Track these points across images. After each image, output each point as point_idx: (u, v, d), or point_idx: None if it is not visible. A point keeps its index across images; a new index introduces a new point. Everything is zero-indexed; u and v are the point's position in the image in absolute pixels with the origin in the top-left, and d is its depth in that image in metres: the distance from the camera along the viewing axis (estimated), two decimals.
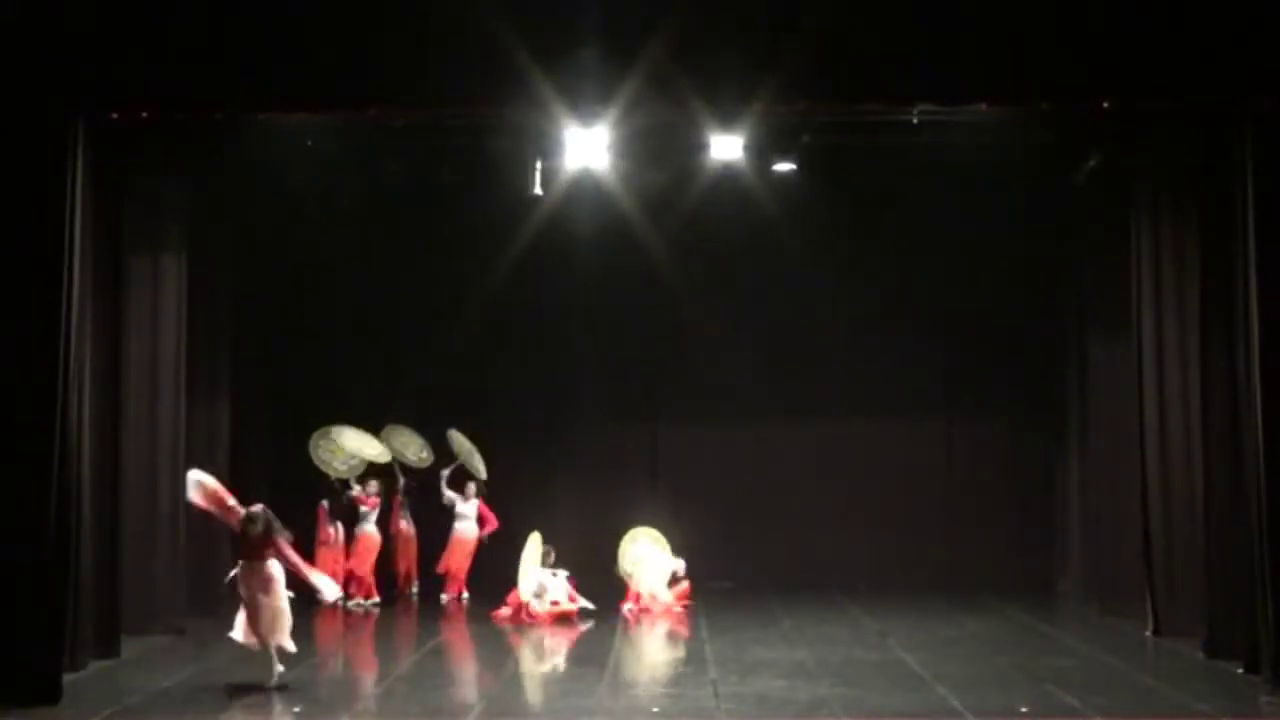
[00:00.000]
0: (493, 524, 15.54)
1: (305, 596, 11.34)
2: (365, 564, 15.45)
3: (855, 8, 10.33)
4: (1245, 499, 10.57)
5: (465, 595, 15.53)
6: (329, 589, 11.15)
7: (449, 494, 15.63)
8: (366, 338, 16.83)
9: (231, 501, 10.63)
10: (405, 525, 15.87)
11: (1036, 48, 10.21)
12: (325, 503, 15.64)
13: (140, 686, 10.50)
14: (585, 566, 15.44)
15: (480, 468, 15.70)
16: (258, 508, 10.59)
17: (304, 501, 15.86)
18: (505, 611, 14.14)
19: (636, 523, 15.75)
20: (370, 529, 15.53)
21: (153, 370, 12.83)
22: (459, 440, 15.71)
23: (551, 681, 11.63)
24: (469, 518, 15.63)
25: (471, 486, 15.71)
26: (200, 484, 10.72)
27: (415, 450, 15.78)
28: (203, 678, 10.87)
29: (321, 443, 15.47)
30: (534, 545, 14.28)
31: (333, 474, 15.45)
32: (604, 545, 15.44)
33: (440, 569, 15.64)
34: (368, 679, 11.57)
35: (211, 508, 10.72)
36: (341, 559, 15.64)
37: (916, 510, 16.53)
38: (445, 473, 15.70)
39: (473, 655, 13.10)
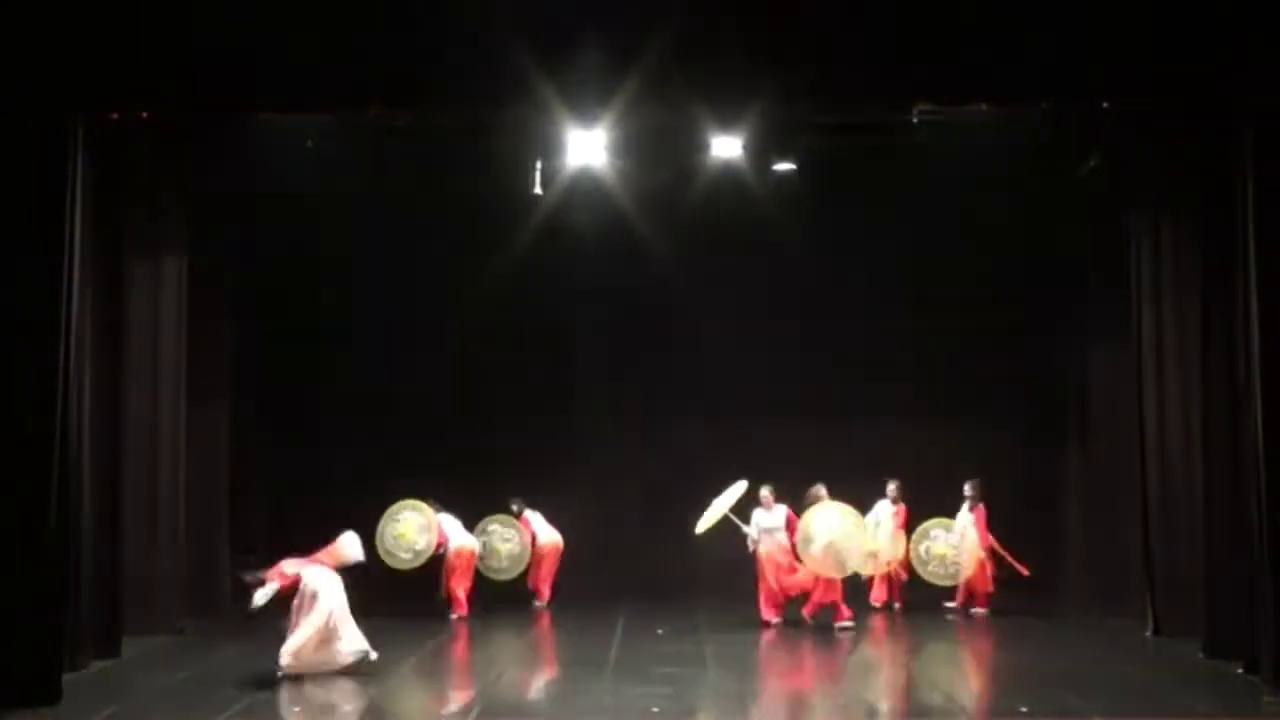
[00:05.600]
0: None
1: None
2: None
3: (855, 8, 10.33)
4: (1245, 499, 10.56)
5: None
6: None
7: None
8: (366, 337, 16.82)
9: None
10: None
11: (1036, 48, 10.21)
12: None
13: (140, 686, 10.51)
14: (586, 566, 15.46)
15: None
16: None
17: (304, 501, 15.89)
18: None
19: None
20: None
21: (153, 371, 12.84)
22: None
23: (551, 681, 11.63)
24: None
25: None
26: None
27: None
28: (203, 678, 10.88)
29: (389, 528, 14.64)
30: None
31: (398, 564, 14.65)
32: (604, 544, 15.42)
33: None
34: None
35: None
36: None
37: (916, 511, 16.50)
38: None
39: (474, 655, 13.11)
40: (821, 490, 14.05)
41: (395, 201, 16.00)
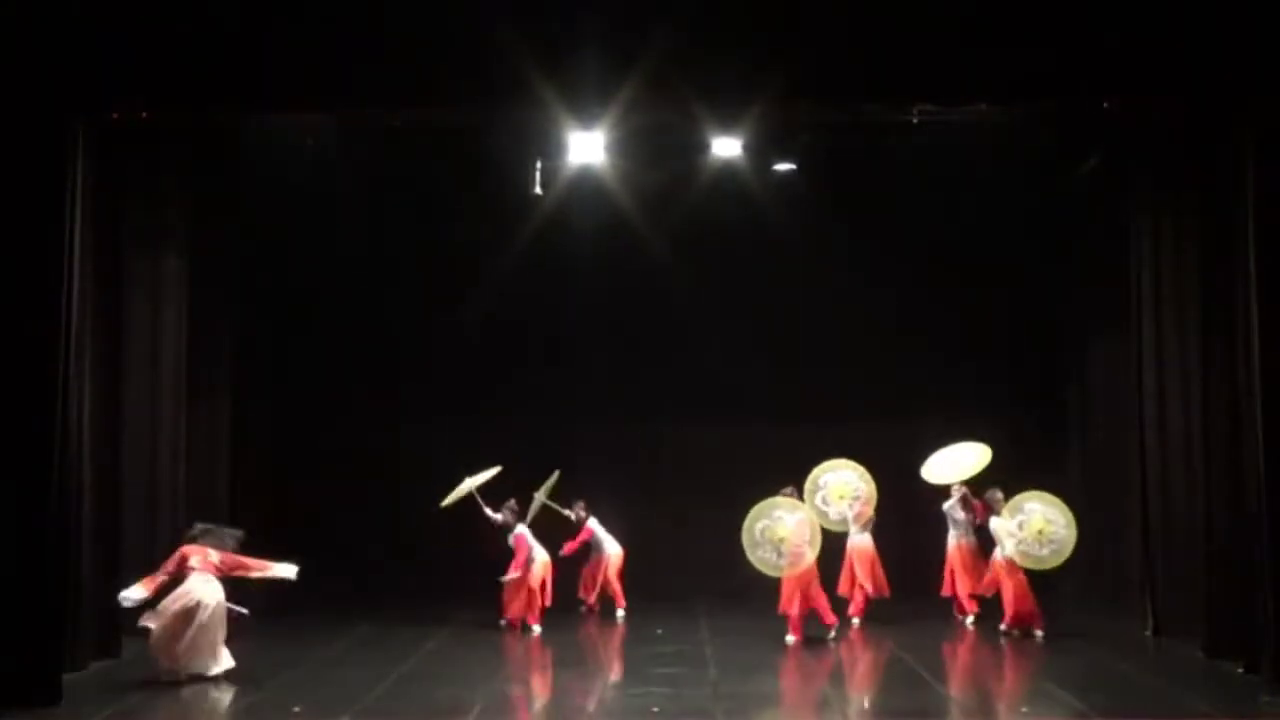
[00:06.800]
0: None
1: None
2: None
3: (855, 8, 10.33)
4: (1245, 499, 10.57)
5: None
6: (288, 570, 11.31)
7: None
8: (367, 337, 16.81)
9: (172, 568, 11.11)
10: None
11: (1036, 48, 10.21)
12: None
13: (140, 686, 10.51)
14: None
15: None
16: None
17: (302, 501, 15.89)
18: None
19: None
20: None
21: (153, 370, 12.83)
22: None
23: (551, 681, 11.63)
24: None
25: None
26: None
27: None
28: (202, 678, 10.86)
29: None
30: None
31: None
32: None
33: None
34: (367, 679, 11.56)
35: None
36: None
37: (916, 510, 16.51)
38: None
39: (475, 656, 13.10)
40: (998, 493, 13.71)
41: (396, 201, 15.99)
